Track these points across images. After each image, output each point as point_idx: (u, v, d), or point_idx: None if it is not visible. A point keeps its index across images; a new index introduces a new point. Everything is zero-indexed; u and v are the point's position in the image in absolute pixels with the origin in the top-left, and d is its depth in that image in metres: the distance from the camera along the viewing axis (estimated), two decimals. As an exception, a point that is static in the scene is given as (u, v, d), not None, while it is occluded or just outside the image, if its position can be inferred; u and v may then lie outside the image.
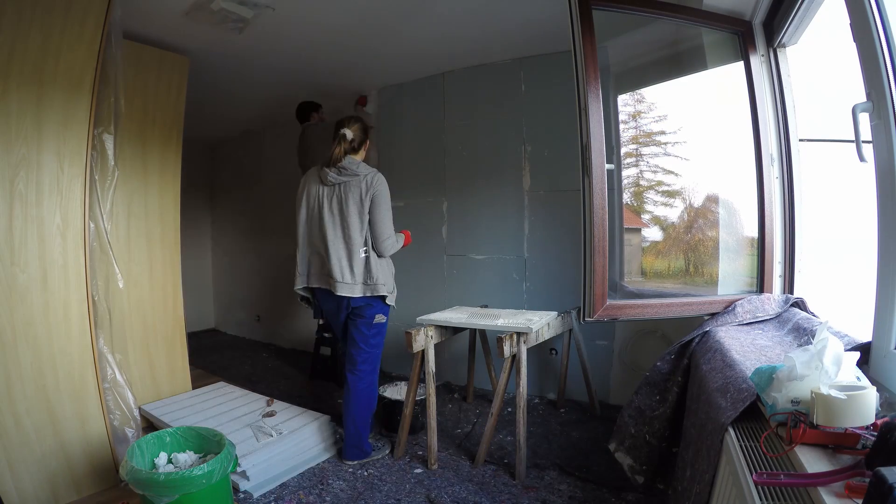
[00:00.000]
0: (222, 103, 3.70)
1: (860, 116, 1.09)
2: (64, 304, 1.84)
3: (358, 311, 2.06)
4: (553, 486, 1.93)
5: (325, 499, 1.87)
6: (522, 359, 2.04)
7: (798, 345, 1.26)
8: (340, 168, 1.99)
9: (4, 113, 1.68)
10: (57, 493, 1.76)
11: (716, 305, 1.67)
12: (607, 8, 1.61)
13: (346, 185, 2.00)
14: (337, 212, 2.00)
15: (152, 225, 2.50)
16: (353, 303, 2.03)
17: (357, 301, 2.02)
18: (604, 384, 2.76)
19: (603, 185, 1.58)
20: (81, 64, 1.86)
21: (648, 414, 1.62)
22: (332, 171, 1.99)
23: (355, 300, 2.02)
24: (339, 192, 2.00)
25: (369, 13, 2.33)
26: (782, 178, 1.71)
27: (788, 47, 1.70)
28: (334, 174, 1.99)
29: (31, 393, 1.73)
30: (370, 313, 2.06)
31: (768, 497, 0.72)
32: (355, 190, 1.99)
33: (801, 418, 0.81)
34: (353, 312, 2.07)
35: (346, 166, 1.98)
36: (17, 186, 1.71)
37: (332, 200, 2.01)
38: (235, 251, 4.92)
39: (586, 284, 1.61)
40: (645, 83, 2.42)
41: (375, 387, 2.19)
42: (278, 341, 4.43)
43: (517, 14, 2.33)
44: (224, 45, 2.58)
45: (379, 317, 2.08)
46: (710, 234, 2.16)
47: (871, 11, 1.04)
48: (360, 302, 2.03)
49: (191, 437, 1.75)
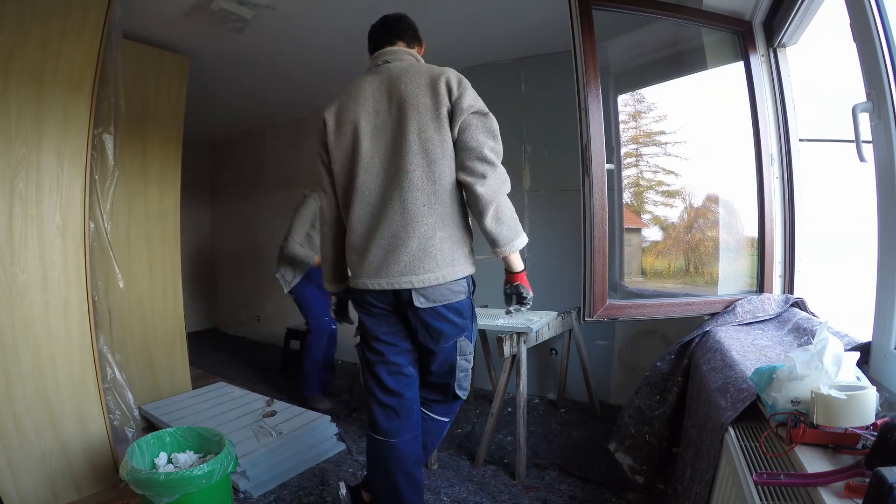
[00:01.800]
0: (222, 103, 3.70)
1: (860, 116, 1.09)
2: (64, 304, 1.84)
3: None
4: (553, 486, 1.93)
5: (325, 499, 1.87)
6: (522, 359, 2.04)
7: (798, 345, 1.26)
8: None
9: (4, 113, 1.68)
10: (57, 493, 1.76)
11: (716, 305, 1.67)
12: (607, 8, 1.61)
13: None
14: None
15: (152, 225, 2.50)
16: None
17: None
18: (604, 384, 2.76)
19: (603, 185, 1.58)
20: (81, 64, 1.86)
21: (648, 414, 1.62)
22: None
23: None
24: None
25: (369, 13, 2.32)
26: (782, 178, 1.71)
27: (788, 47, 1.70)
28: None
29: (31, 393, 1.73)
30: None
31: (768, 497, 0.72)
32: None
33: (801, 418, 0.81)
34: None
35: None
36: (17, 186, 1.71)
37: None
38: (235, 251, 4.92)
39: (586, 284, 1.61)
40: (645, 83, 2.42)
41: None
42: (278, 341, 4.43)
43: (517, 14, 2.33)
44: (224, 45, 2.58)
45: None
46: (710, 234, 2.16)
47: (871, 11, 1.04)
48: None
49: (191, 437, 1.75)
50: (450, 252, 1.30)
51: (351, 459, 2.18)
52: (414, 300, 1.30)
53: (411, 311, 1.33)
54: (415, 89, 1.29)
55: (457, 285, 1.33)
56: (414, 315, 1.33)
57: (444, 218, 1.29)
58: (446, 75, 1.30)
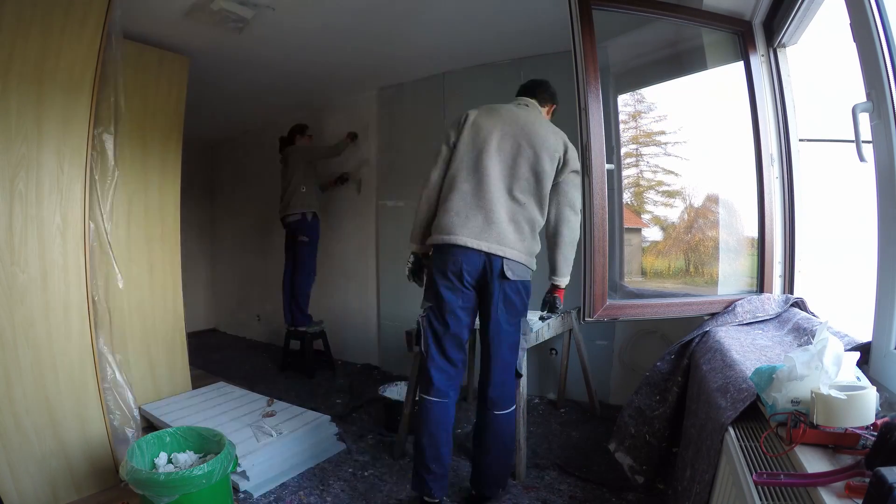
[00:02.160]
0: (222, 103, 3.70)
1: (860, 116, 1.09)
2: (64, 305, 1.84)
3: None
4: (553, 486, 1.93)
5: (325, 499, 1.87)
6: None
7: (798, 345, 1.26)
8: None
9: (4, 112, 1.68)
10: (57, 493, 1.76)
11: (716, 305, 1.67)
12: (607, 8, 1.61)
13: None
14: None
15: (152, 225, 2.50)
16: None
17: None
18: (604, 384, 2.76)
19: (603, 185, 1.58)
20: (81, 64, 1.86)
21: (648, 414, 1.62)
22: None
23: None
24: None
25: (369, 13, 2.33)
26: (782, 178, 1.71)
27: (788, 47, 1.70)
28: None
29: (30, 393, 1.73)
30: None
31: (768, 497, 0.72)
32: None
33: (801, 418, 0.81)
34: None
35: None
36: (17, 186, 1.71)
37: None
38: (235, 251, 4.92)
39: (586, 284, 1.61)
40: (645, 83, 2.42)
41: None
42: (278, 341, 4.43)
43: (517, 14, 2.33)
44: (224, 45, 2.58)
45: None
46: (710, 234, 2.16)
47: (871, 11, 1.04)
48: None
49: (191, 437, 1.75)
50: (528, 245, 1.66)
51: (351, 459, 2.18)
52: (505, 270, 1.60)
53: (499, 281, 1.62)
54: (544, 133, 1.67)
55: (527, 273, 1.68)
56: (500, 286, 1.62)
57: (531, 222, 1.66)
58: (565, 138, 1.70)
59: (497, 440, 1.71)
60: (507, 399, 1.71)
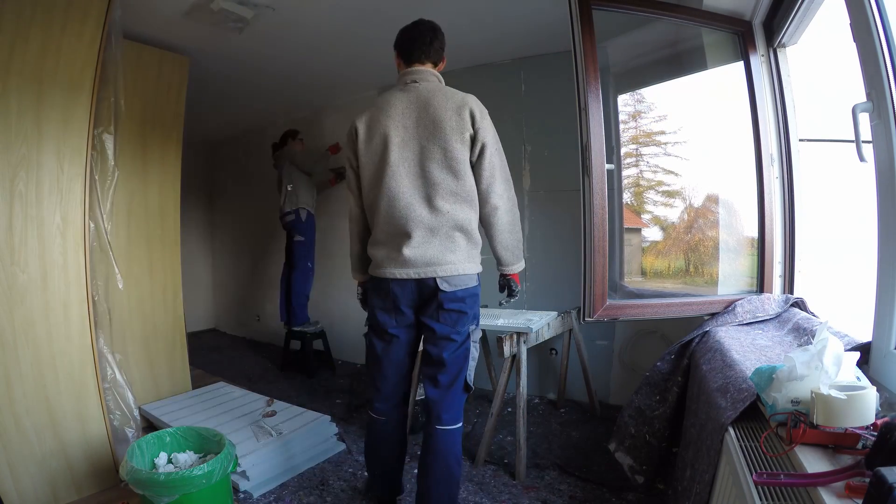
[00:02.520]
0: (222, 103, 3.70)
1: (860, 116, 1.09)
2: (64, 304, 1.84)
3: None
4: (553, 486, 1.93)
5: (325, 499, 1.87)
6: (522, 359, 2.04)
7: (798, 345, 1.26)
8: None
9: (4, 112, 1.68)
10: (57, 493, 1.76)
11: (716, 305, 1.67)
12: (607, 8, 1.61)
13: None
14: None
15: (152, 225, 2.50)
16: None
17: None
18: (604, 384, 2.76)
19: (603, 185, 1.58)
20: (81, 64, 1.85)
21: (648, 414, 1.62)
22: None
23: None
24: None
25: (369, 13, 2.33)
26: (782, 178, 1.71)
27: (788, 47, 1.70)
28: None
29: (31, 393, 1.73)
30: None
31: (768, 497, 0.72)
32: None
33: (801, 418, 0.81)
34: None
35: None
36: (17, 186, 1.71)
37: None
38: (235, 251, 4.92)
39: (586, 284, 1.61)
40: (645, 83, 2.42)
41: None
42: (278, 341, 4.43)
43: (517, 14, 2.33)
44: (224, 45, 2.58)
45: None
46: (710, 234, 2.16)
47: (871, 11, 1.04)
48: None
49: (191, 437, 1.75)
50: (464, 252, 1.49)
51: (351, 459, 2.18)
52: (439, 284, 1.46)
53: (436, 294, 1.48)
54: (443, 113, 1.43)
55: (470, 279, 1.51)
56: (436, 298, 1.48)
57: (461, 227, 1.47)
58: (469, 104, 1.46)
59: (439, 461, 1.49)
60: (452, 413, 1.51)
